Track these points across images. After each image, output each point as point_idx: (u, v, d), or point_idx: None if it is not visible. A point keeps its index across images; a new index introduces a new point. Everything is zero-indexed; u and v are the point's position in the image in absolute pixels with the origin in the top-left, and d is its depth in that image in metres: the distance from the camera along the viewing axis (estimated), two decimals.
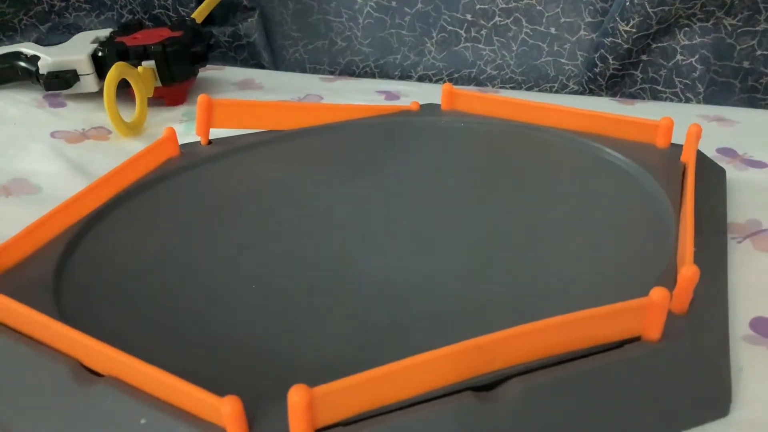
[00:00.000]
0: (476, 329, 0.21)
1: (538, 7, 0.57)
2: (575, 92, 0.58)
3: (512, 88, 0.60)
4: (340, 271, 0.29)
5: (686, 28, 0.53)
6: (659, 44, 0.54)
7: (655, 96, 0.56)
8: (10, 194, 0.39)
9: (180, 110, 0.51)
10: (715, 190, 0.35)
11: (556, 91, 0.59)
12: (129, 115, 0.47)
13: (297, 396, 0.19)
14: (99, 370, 0.22)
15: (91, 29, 0.65)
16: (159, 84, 0.49)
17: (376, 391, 0.20)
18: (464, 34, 0.60)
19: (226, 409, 0.19)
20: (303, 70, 0.66)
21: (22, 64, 0.51)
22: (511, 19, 0.58)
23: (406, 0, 0.60)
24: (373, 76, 0.64)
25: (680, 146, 0.36)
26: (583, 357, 0.22)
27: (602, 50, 0.54)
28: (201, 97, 0.38)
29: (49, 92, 0.52)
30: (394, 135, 0.40)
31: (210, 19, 0.66)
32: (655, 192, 0.33)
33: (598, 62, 0.55)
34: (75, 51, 0.50)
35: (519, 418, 0.21)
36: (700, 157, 0.36)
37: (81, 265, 0.29)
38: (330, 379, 0.19)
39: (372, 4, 0.61)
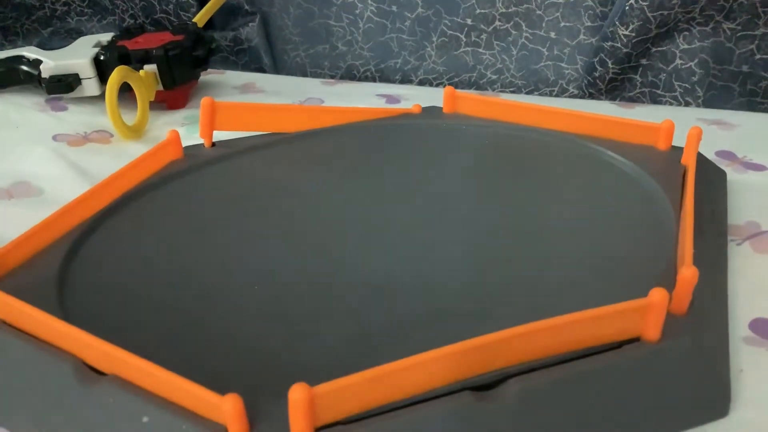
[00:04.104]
0: (476, 329, 0.21)
1: (538, 12, 0.57)
2: (575, 96, 0.58)
3: (512, 92, 0.60)
4: (341, 271, 0.29)
5: (685, 32, 0.53)
6: (659, 48, 0.54)
7: (655, 100, 0.56)
8: (12, 197, 0.39)
9: (181, 114, 0.51)
10: (716, 192, 0.35)
11: (556, 95, 0.59)
12: (131, 118, 0.47)
13: (298, 394, 0.19)
14: (102, 368, 0.22)
15: (92, 33, 0.66)
16: (160, 88, 0.50)
17: (376, 390, 0.20)
18: (464, 39, 0.60)
19: (228, 407, 0.19)
20: (304, 74, 0.66)
21: (25, 68, 0.52)
22: (511, 23, 0.58)
23: (406, 4, 0.60)
24: (373, 80, 0.64)
25: (681, 149, 0.36)
26: (582, 357, 0.22)
27: (602, 54, 0.54)
28: (204, 100, 0.39)
29: (51, 96, 0.52)
30: (397, 137, 0.41)
31: (211, 24, 0.67)
32: (655, 194, 0.33)
33: (597, 66, 0.55)
34: (77, 55, 0.50)
35: (518, 418, 0.21)
36: (701, 159, 0.36)
37: (85, 266, 0.29)
38: (330, 378, 0.19)
39: (372, 8, 0.61)
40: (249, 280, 0.28)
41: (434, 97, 0.51)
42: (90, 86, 0.50)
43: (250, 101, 0.53)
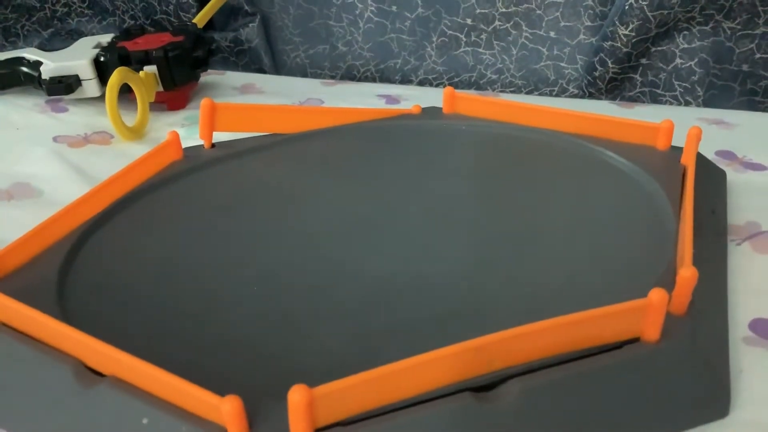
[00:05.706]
0: (476, 330, 0.21)
1: (538, 12, 0.57)
2: (575, 96, 0.58)
3: (512, 92, 0.60)
4: (341, 272, 0.29)
5: (685, 32, 0.53)
6: (658, 48, 0.54)
7: (655, 99, 0.56)
8: (12, 198, 0.39)
9: (181, 115, 0.51)
10: (716, 192, 0.35)
11: (556, 95, 0.59)
12: (131, 119, 0.47)
13: (297, 396, 0.19)
14: (101, 370, 0.22)
15: (93, 35, 0.66)
16: (161, 88, 0.50)
17: (376, 392, 0.20)
18: (464, 39, 0.60)
19: (227, 409, 0.19)
20: (304, 75, 0.66)
21: (25, 69, 0.52)
22: (511, 23, 0.58)
23: (406, 5, 0.60)
24: (373, 80, 0.64)
25: (680, 149, 0.36)
26: (582, 358, 0.22)
27: (602, 54, 0.54)
28: (204, 101, 0.39)
29: (52, 97, 0.52)
30: (396, 138, 0.41)
31: (211, 25, 0.67)
32: (655, 194, 0.33)
33: (597, 66, 0.55)
34: (77, 56, 0.50)
35: (518, 419, 0.21)
36: (701, 159, 0.36)
37: (84, 267, 0.29)
38: (330, 379, 0.19)
39: (372, 8, 0.61)
40: (248, 281, 0.29)
41: (434, 97, 0.51)
42: (90, 87, 0.50)
43: (250, 102, 0.53)
